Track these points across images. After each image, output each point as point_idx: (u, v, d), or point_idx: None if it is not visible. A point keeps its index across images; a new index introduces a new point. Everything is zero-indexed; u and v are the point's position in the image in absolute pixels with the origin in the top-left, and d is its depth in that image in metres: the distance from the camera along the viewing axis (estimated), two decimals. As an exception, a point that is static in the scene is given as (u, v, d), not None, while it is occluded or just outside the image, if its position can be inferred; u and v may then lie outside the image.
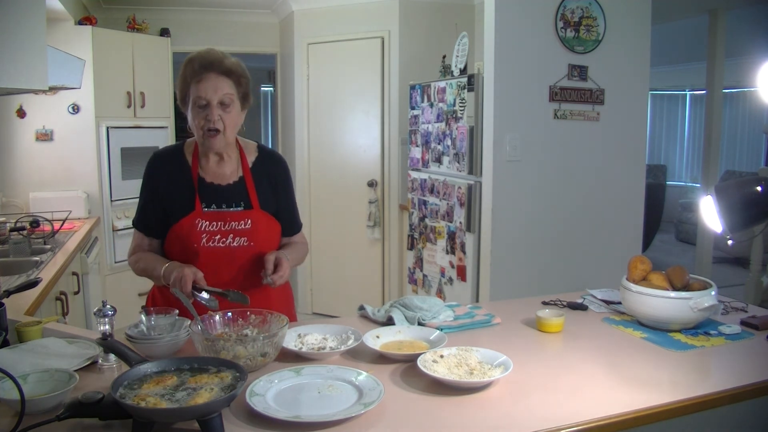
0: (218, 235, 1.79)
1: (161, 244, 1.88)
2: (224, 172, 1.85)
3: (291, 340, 1.61)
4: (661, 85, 9.00)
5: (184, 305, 1.62)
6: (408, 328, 1.73)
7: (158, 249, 1.89)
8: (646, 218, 3.83)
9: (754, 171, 7.58)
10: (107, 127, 4.50)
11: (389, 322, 1.82)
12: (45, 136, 4.33)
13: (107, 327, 1.50)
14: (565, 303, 2.05)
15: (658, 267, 1.88)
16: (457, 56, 3.87)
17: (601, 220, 3.57)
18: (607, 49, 3.42)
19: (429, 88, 4.01)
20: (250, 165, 1.89)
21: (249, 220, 1.82)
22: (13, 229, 3.33)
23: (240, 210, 1.83)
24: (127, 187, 4.60)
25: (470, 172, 3.55)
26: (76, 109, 4.37)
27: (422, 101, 4.12)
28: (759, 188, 1.71)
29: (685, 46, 7.17)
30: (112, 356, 1.46)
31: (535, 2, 3.30)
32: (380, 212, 4.95)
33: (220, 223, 1.80)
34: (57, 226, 3.52)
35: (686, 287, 1.80)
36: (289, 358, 1.55)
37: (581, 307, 2.01)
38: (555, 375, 1.47)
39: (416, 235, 4.26)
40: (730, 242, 1.94)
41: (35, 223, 3.41)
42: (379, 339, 1.63)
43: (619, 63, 3.47)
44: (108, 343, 1.39)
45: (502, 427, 1.22)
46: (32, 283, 1.87)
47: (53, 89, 3.66)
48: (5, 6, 2.09)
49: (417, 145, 4.23)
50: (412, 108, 4.28)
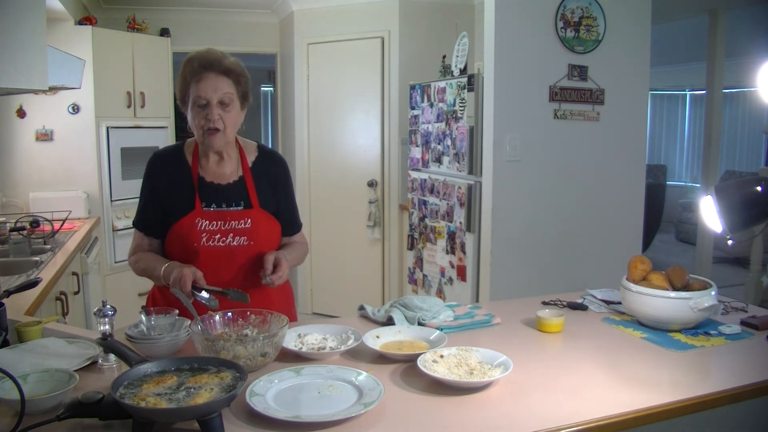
0: (218, 235, 1.79)
1: (161, 244, 1.88)
2: (224, 171, 1.86)
3: (291, 340, 1.61)
4: (661, 85, 9.00)
5: (184, 305, 1.62)
6: (408, 328, 1.73)
7: (158, 249, 1.89)
8: (646, 218, 3.83)
9: (754, 171, 7.58)
10: (107, 127, 4.50)
11: (389, 322, 1.82)
12: (45, 136, 4.33)
13: (107, 327, 1.50)
14: (565, 303, 2.05)
15: (658, 267, 1.88)
16: (457, 56, 3.86)
17: (601, 220, 3.57)
18: (607, 49, 3.42)
19: (429, 88, 4.01)
20: (250, 164, 1.89)
21: (249, 220, 1.82)
22: (13, 229, 3.33)
23: (240, 209, 1.83)
24: (127, 187, 4.60)
25: (470, 172, 3.55)
26: (76, 109, 4.37)
27: (422, 101, 4.12)
28: (759, 188, 1.71)
29: (685, 46, 7.17)
30: (112, 356, 1.46)
31: (535, 2, 3.30)
32: (380, 212, 4.95)
33: (220, 223, 1.80)
34: (57, 226, 3.52)
35: (686, 287, 1.80)
36: (289, 358, 1.55)
37: (581, 307, 2.01)
38: (555, 375, 1.47)
39: (416, 235, 4.26)
40: (730, 242, 1.94)
41: (35, 223, 3.41)
42: (379, 339, 1.63)
43: (619, 63, 3.47)
44: (108, 343, 1.39)
45: (502, 427, 1.22)
46: (32, 283, 1.87)
47: (53, 89, 3.66)
48: (5, 6, 2.08)
49: (417, 145, 4.22)
50: (412, 108, 4.28)
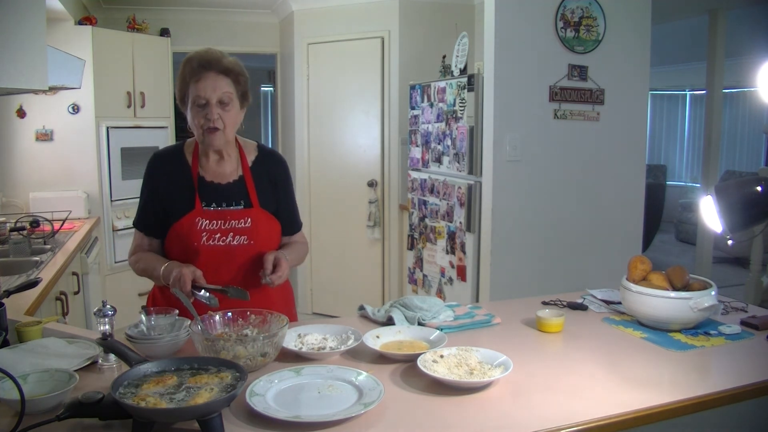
0: (218, 234, 1.79)
1: (162, 244, 1.88)
2: (224, 170, 1.86)
3: (291, 340, 1.61)
4: (661, 85, 9.00)
5: (184, 305, 1.62)
6: (408, 328, 1.73)
7: (159, 249, 1.89)
8: (646, 218, 3.83)
9: (754, 171, 7.57)
10: (107, 127, 4.50)
11: (389, 322, 1.82)
12: (45, 136, 4.32)
13: (107, 327, 1.50)
14: (565, 303, 2.05)
15: (658, 267, 1.88)
16: (457, 56, 3.86)
17: (601, 220, 3.57)
18: (607, 49, 3.42)
19: (429, 88, 4.01)
20: (249, 164, 1.89)
21: (249, 219, 1.82)
22: (13, 229, 3.33)
23: (240, 209, 1.83)
24: (127, 187, 4.60)
25: (470, 172, 3.55)
26: (76, 109, 4.37)
27: (422, 101, 4.12)
28: (759, 188, 1.71)
29: (685, 46, 7.17)
30: (112, 356, 1.46)
31: (535, 2, 3.30)
32: (380, 212, 4.95)
33: (220, 222, 1.80)
34: (57, 226, 3.51)
35: (686, 287, 1.80)
36: (289, 358, 1.55)
37: (581, 307, 2.00)
38: (555, 375, 1.47)
39: (416, 235, 4.26)
40: (730, 242, 1.94)
41: (35, 223, 3.41)
42: (379, 339, 1.63)
43: (619, 63, 3.47)
44: (108, 343, 1.39)
45: (502, 427, 1.22)
46: (32, 283, 1.87)
47: (53, 89, 3.66)
48: (5, 6, 2.08)
49: (417, 145, 4.22)
50: (412, 108, 4.28)
